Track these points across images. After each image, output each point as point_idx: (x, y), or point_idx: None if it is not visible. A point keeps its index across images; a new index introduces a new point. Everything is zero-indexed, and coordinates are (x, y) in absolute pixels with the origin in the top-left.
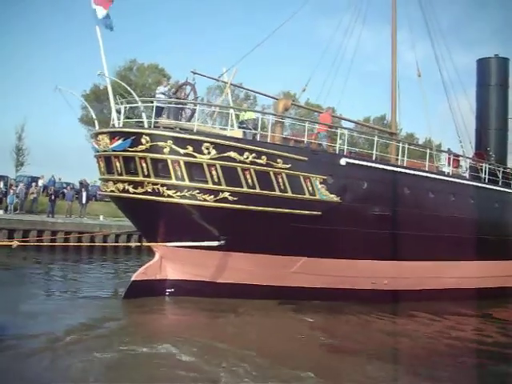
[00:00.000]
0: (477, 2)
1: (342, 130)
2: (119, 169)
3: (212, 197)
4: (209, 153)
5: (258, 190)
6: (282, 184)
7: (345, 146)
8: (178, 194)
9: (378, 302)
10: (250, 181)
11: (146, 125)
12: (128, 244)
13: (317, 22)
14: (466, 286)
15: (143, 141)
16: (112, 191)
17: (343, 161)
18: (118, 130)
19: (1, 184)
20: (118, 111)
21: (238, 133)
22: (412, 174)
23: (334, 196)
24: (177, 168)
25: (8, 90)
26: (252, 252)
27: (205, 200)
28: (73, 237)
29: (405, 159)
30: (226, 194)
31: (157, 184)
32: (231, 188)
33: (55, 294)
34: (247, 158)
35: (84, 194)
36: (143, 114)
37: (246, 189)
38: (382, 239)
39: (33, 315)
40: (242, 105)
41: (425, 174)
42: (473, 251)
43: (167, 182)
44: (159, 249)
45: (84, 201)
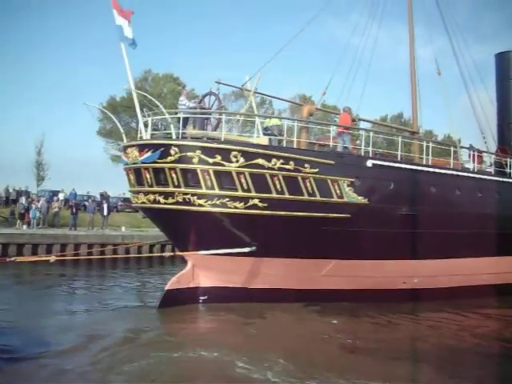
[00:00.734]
0: None
1: (366, 133)
2: (149, 180)
3: (242, 204)
4: (237, 161)
5: (286, 196)
6: (310, 188)
7: (370, 148)
8: (209, 202)
9: (409, 301)
10: (278, 186)
11: (174, 136)
12: (162, 254)
13: (329, 25)
14: (495, 282)
15: (172, 152)
16: (143, 203)
17: (369, 162)
18: (147, 142)
19: (23, 199)
20: (146, 124)
21: (264, 140)
22: (438, 173)
23: (361, 198)
24: (206, 177)
25: (26, 106)
26: (282, 257)
27: (235, 207)
28: (108, 249)
29: (429, 158)
30: (256, 201)
31: (187, 194)
32: (261, 194)
33: (96, 306)
34: (275, 165)
35: (105, 205)
36: (171, 126)
37: (275, 195)
38: (410, 238)
39: (72, 327)
40: (258, 110)
41: (451, 172)
42: (503, 247)
43: (198, 191)
44: (191, 257)
45: (106, 212)
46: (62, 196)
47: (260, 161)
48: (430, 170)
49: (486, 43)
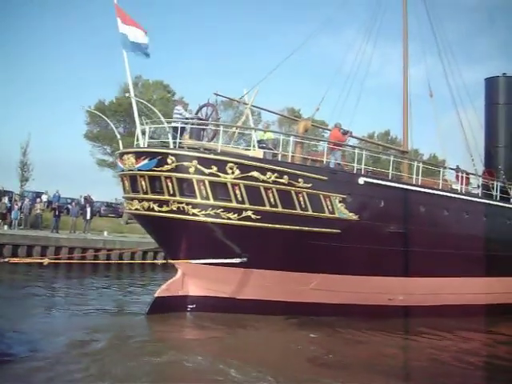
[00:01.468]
0: (483, 19)
1: (360, 151)
2: (145, 188)
3: (236, 215)
4: (233, 172)
5: (280, 209)
6: (302, 203)
7: (362, 166)
8: (203, 212)
9: (394, 317)
10: (272, 200)
11: (171, 145)
12: (154, 261)
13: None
14: (481, 302)
15: (169, 161)
16: (137, 209)
17: (361, 180)
18: (145, 150)
19: (5, 199)
20: (143, 132)
21: (259, 153)
22: (427, 193)
23: (352, 214)
24: (202, 187)
25: (11, 106)
26: (272, 269)
27: (229, 218)
28: (102, 254)
29: (419, 178)
30: (250, 213)
31: (182, 203)
32: (254, 207)
33: (77, 310)
34: (270, 178)
35: (89, 209)
36: (169, 135)
37: (268, 207)
38: (398, 256)
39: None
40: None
41: (440, 193)
42: (487, 268)
43: (192, 200)
44: (181, 265)
45: (88, 217)
46: (45, 198)
47: (255, 173)
48: (421, 189)
49: (477, 66)
